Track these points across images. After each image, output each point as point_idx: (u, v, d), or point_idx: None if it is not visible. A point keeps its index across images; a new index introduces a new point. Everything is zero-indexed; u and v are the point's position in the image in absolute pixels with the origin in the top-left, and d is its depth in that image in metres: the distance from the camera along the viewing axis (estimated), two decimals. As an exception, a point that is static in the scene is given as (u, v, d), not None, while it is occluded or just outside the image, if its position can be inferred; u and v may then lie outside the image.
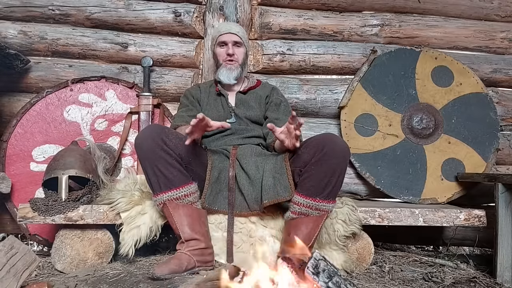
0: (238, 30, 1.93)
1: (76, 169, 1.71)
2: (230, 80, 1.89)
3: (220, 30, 1.94)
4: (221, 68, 1.91)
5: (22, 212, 1.64)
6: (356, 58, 2.39)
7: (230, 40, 1.90)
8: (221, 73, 1.90)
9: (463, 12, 2.49)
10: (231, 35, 1.90)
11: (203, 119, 1.44)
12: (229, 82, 1.90)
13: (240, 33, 1.93)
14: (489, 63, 2.47)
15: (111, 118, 2.17)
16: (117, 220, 1.64)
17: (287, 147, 1.54)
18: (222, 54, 1.91)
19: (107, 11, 2.26)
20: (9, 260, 1.13)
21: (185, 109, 1.89)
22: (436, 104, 2.28)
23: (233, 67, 1.90)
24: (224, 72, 1.89)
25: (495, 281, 1.69)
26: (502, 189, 1.75)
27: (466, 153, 2.23)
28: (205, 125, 1.49)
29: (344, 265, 1.63)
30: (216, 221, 1.63)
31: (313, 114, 2.40)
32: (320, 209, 1.50)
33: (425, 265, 1.90)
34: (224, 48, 1.92)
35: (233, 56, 1.90)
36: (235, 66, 1.91)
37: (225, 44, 1.92)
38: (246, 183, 1.60)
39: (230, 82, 1.90)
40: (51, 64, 2.21)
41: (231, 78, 1.89)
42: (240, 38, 1.92)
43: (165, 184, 1.49)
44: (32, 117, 2.08)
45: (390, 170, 2.19)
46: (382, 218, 1.82)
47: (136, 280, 1.41)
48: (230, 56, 1.89)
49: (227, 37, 1.90)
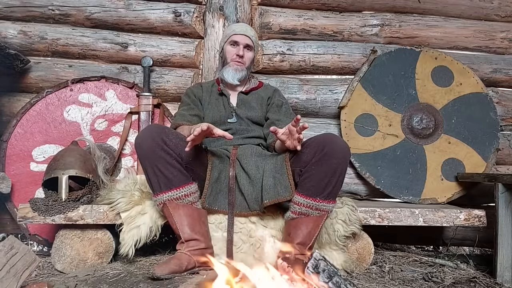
0: (252, 34, 1.96)
1: (76, 169, 1.71)
2: (234, 81, 1.90)
3: (235, 29, 1.95)
4: (227, 67, 1.92)
5: (22, 212, 1.63)
6: (356, 58, 2.40)
7: (243, 42, 1.92)
8: (227, 71, 1.91)
9: (463, 12, 2.50)
10: (245, 37, 1.93)
11: (207, 129, 1.44)
12: (232, 82, 1.91)
13: (254, 37, 1.96)
14: (489, 63, 2.47)
15: (111, 118, 2.17)
16: (117, 220, 1.64)
17: (288, 147, 1.54)
18: (232, 53, 1.92)
19: (107, 11, 2.26)
20: (9, 260, 1.13)
21: (187, 107, 1.89)
22: (436, 104, 2.28)
23: (240, 69, 1.91)
24: (230, 72, 1.90)
25: (495, 281, 1.69)
26: (502, 189, 1.75)
27: (466, 153, 2.23)
28: (209, 132, 1.48)
29: (344, 265, 1.63)
30: (216, 221, 1.63)
31: (313, 114, 2.40)
32: (320, 209, 1.50)
33: (425, 265, 1.90)
34: (235, 48, 1.93)
35: (242, 59, 1.92)
36: (241, 68, 1.92)
37: (236, 44, 1.93)
38: (246, 183, 1.60)
39: (234, 82, 1.91)
40: (51, 64, 2.22)
41: (235, 79, 1.90)
42: (252, 42, 1.95)
43: (165, 184, 1.49)
44: (32, 117, 2.08)
45: (390, 170, 2.19)
46: (382, 218, 1.82)
47: (136, 280, 1.41)
48: (239, 58, 1.91)
49: (241, 38, 1.92)
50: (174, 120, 1.86)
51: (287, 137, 1.51)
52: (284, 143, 1.52)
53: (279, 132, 1.51)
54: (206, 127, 1.43)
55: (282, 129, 1.52)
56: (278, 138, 1.54)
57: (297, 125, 1.44)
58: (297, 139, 1.48)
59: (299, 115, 1.43)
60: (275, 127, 1.51)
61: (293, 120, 1.44)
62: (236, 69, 1.91)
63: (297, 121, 1.43)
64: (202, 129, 1.42)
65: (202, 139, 1.55)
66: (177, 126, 1.79)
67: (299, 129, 1.44)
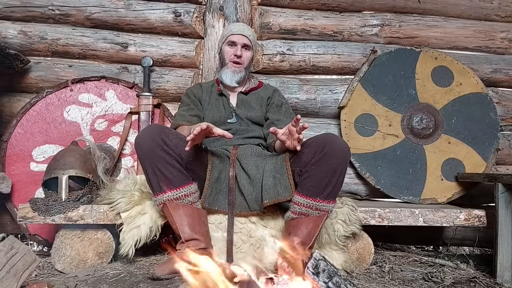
0: (250, 34, 1.95)
1: (76, 169, 1.71)
2: (232, 83, 1.91)
3: (232, 29, 1.94)
4: (225, 69, 1.92)
5: (22, 212, 1.64)
6: (356, 58, 2.40)
7: (241, 42, 1.91)
8: (225, 73, 1.91)
9: (463, 12, 2.50)
10: (242, 37, 1.92)
11: (206, 128, 1.44)
12: (230, 84, 1.91)
13: (251, 36, 1.96)
14: (489, 63, 2.47)
15: (111, 118, 2.17)
16: (117, 220, 1.64)
17: (288, 147, 1.54)
18: (230, 54, 1.92)
19: (107, 11, 2.26)
20: (9, 260, 1.13)
21: (187, 108, 1.89)
22: (436, 104, 2.28)
23: (238, 70, 1.91)
24: (228, 74, 1.90)
25: (495, 281, 1.69)
26: (502, 189, 1.75)
27: (466, 153, 2.23)
28: (209, 131, 1.49)
29: (344, 265, 1.63)
30: (216, 221, 1.63)
31: (313, 114, 2.40)
32: (320, 209, 1.50)
33: (425, 265, 1.90)
34: (232, 48, 1.93)
35: (240, 59, 1.91)
36: (240, 69, 1.92)
37: (234, 44, 1.92)
38: (246, 183, 1.60)
39: (232, 84, 1.91)
40: (51, 64, 2.22)
41: (233, 81, 1.91)
42: (250, 42, 1.94)
43: (165, 184, 1.49)
44: (32, 117, 2.08)
45: (390, 170, 2.19)
46: (382, 218, 1.82)
47: (136, 280, 1.41)
48: (237, 58, 1.90)
49: (238, 38, 1.91)
50: (174, 120, 1.86)
51: (287, 137, 1.51)
52: (284, 143, 1.52)
53: (279, 132, 1.51)
54: (206, 126, 1.43)
55: (282, 130, 1.52)
56: (278, 138, 1.54)
57: (297, 125, 1.44)
58: (297, 139, 1.48)
59: (299, 115, 1.43)
60: (275, 128, 1.51)
61: (293, 120, 1.44)
62: (234, 71, 1.90)
63: (297, 121, 1.43)
64: (201, 128, 1.42)
65: (202, 138, 1.55)
66: (177, 126, 1.79)
67: (299, 129, 1.44)
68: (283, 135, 1.51)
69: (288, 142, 1.52)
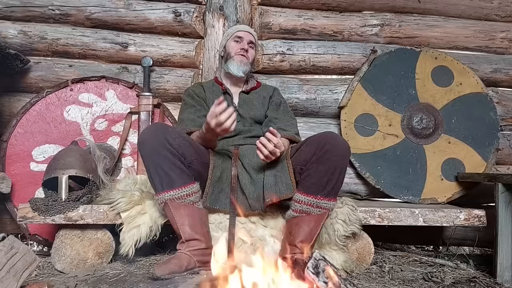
0: (254, 34, 2.04)
1: (76, 169, 1.71)
2: (239, 73, 1.90)
3: (238, 28, 2.02)
4: (231, 61, 1.92)
5: (22, 212, 1.63)
6: (356, 58, 2.40)
7: (247, 38, 1.96)
8: (232, 64, 1.91)
9: (463, 12, 2.50)
10: (248, 34, 1.98)
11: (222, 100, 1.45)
12: (237, 74, 1.90)
13: (255, 36, 2.04)
14: (489, 63, 2.47)
15: (111, 118, 2.17)
16: (117, 220, 1.64)
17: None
18: (236, 48, 1.94)
19: (107, 11, 2.26)
20: (9, 260, 1.13)
21: (193, 110, 1.84)
22: (436, 104, 2.28)
23: (245, 62, 1.92)
24: (235, 64, 1.91)
25: (495, 281, 1.69)
26: (502, 189, 1.75)
27: (466, 153, 2.23)
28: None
29: (344, 265, 1.63)
30: (216, 221, 1.63)
31: (313, 114, 2.40)
32: (321, 206, 1.50)
33: (425, 265, 1.90)
34: (239, 44, 1.95)
35: (247, 53, 1.94)
36: (246, 61, 1.93)
37: (241, 40, 1.95)
38: (247, 182, 1.60)
39: (239, 74, 1.90)
40: (51, 64, 2.21)
41: (241, 71, 1.90)
42: (254, 40, 2.01)
43: (167, 183, 1.49)
44: (32, 117, 2.08)
45: (390, 170, 2.19)
46: (382, 218, 1.82)
47: (136, 280, 1.41)
48: (244, 51, 1.93)
49: (245, 34, 1.97)
50: (183, 126, 1.78)
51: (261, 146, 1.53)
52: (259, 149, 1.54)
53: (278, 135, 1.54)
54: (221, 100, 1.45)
55: (278, 138, 1.52)
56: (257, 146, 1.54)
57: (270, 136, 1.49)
58: (271, 151, 1.50)
59: (272, 127, 1.50)
60: (274, 129, 1.53)
61: (268, 132, 1.49)
62: (241, 61, 1.91)
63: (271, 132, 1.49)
64: (220, 100, 1.43)
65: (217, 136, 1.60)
66: (191, 133, 1.73)
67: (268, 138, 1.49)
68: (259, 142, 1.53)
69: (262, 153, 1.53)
